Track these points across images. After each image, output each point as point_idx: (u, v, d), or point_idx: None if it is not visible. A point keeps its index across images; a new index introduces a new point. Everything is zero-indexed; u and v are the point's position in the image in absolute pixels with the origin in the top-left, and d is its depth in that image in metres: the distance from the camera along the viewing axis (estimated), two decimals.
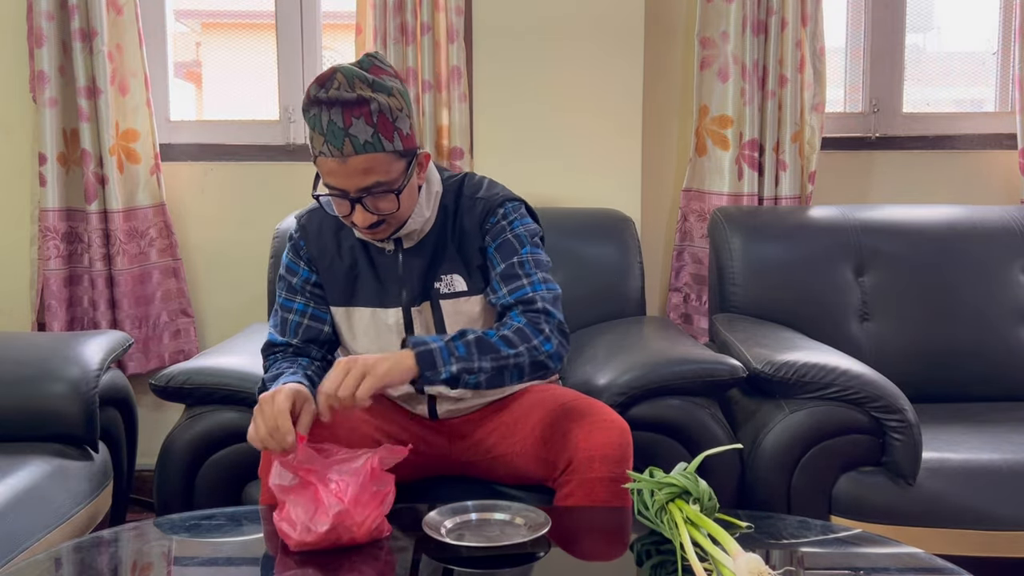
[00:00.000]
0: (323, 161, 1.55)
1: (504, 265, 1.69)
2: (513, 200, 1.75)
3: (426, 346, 1.52)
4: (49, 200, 2.66)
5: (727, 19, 2.67)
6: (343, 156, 1.52)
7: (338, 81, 1.51)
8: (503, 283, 1.68)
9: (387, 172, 1.56)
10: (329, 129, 1.52)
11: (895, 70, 2.89)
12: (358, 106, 1.51)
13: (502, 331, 1.59)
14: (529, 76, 2.69)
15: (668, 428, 1.93)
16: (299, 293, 1.76)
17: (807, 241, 2.49)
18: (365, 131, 1.52)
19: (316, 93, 1.52)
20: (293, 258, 1.78)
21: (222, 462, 1.88)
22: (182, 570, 1.39)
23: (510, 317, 1.65)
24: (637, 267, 2.51)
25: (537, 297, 1.65)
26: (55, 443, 1.94)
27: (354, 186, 1.55)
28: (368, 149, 1.53)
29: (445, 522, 1.46)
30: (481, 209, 1.72)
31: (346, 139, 1.51)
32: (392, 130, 1.55)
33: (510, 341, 1.58)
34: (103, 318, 2.69)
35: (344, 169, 1.54)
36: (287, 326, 1.76)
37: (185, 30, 3.31)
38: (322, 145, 1.53)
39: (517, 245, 1.70)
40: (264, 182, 2.83)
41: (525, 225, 1.73)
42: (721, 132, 2.72)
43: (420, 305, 1.72)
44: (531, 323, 1.62)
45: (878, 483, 1.94)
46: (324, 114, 1.52)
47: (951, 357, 2.41)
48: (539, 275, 1.69)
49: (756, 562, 1.22)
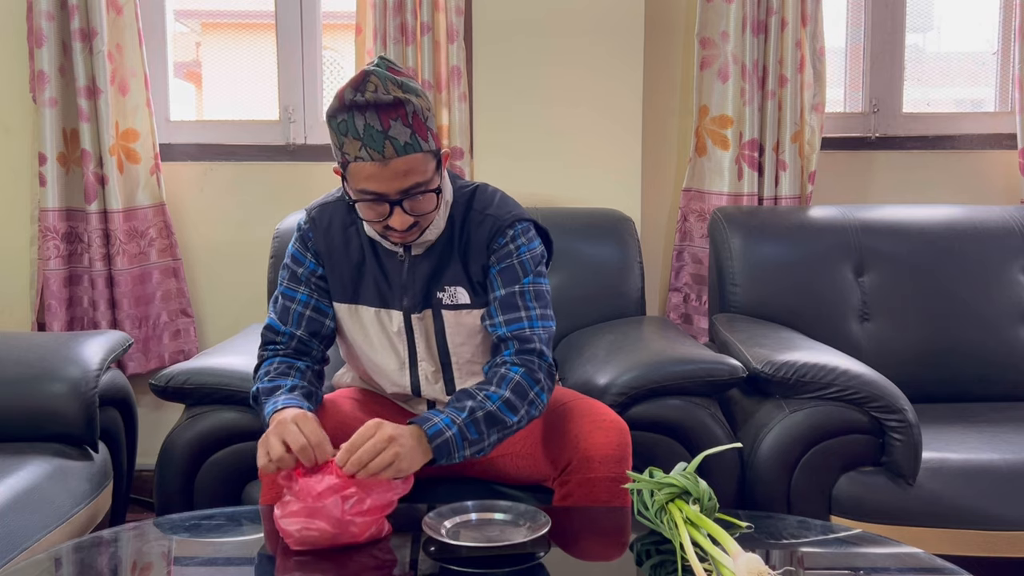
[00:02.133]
0: (360, 167, 1.52)
1: (504, 292, 1.67)
2: (523, 220, 1.72)
3: (442, 436, 1.50)
4: (49, 200, 2.66)
5: (727, 19, 2.67)
6: (384, 159, 1.51)
7: (373, 84, 1.50)
8: (500, 311, 1.66)
9: (424, 172, 1.55)
10: (367, 133, 1.50)
11: (895, 70, 2.89)
12: (395, 108, 1.50)
13: (503, 391, 1.58)
14: (529, 76, 2.69)
15: (668, 428, 1.93)
16: (303, 284, 1.74)
17: (807, 241, 2.49)
18: (404, 132, 1.51)
19: (352, 97, 1.50)
20: (300, 248, 1.76)
21: (222, 462, 1.88)
22: (182, 570, 1.39)
23: (504, 359, 1.63)
24: (637, 267, 2.51)
25: (534, 336, 1.64)
26: (55, 443, 1.94)
27: (395, 189, 1.54)
28: (409, 150, 1.52)
29: (445, 522, 1.46)
30: (490, 227, 1.69)
31: (386, 142, 1.50)
32: (425, 130, 1.55)
33: (513, 406, 1.58)
34: (103, 318, 2.69)
35: (385, 172, 1.52)
36: (289, 315, 1.74)
37: (185, 30, 3.31)
38: (359, 150, 1.51)
39: (520, 273, 1.68)
40: (264, 182, 2.83)
41: (531, 250, 1.70)
42: (721, 132, 2.72)
43: (421, 313, 1.71)
44: (528, 372, 1.61)
45: (878, 483, 1.94)
46: (359, 118, 1.50)
47: (951, 357, 2.41)
48: (537, 310, 1.67)
49: (756, 562, 1.22)
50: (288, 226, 2.50)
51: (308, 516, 1.38)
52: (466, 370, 1.74)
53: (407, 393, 1.78)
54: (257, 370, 1.73)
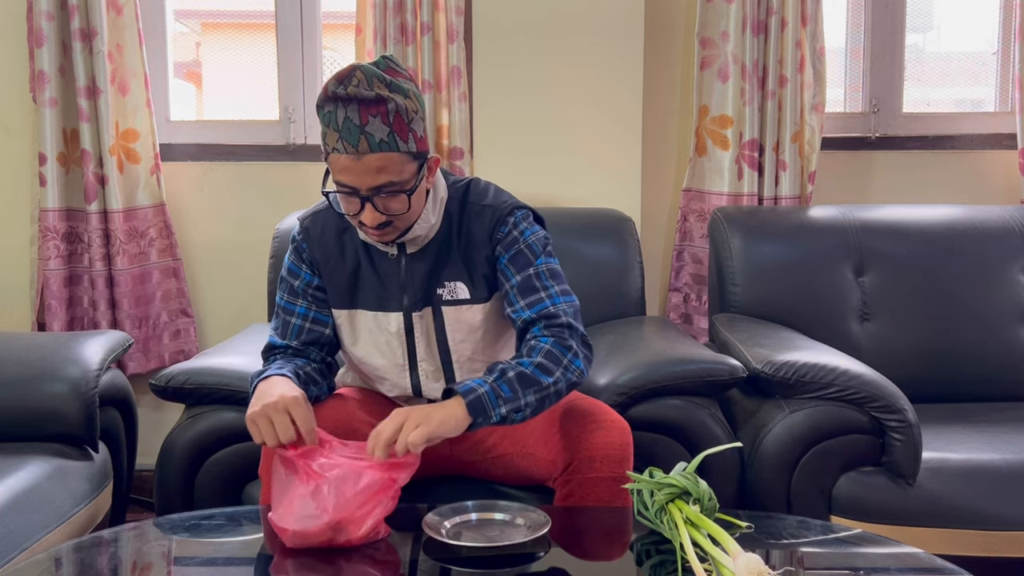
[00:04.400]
0: (336, 158, 1.55)
1: (520, 277, 1.68)
2: (521, 208, 1.73)
3: (474, 393, 1.50)
4: (49, 200, 2.66)
5: (727, 19, 2.68)
6: (358, 153, 1.52)
7: (357, 79, 1.51)
8: (520, 296, 1.67)
9: (400, 172, 1.56)
10: (345, 126, 1.51)
11: (895, 70, 2.89)
12: (375, 104, 1.51)
13: (535, 358, 1.58)
14: (529, 76, 2.69)
15: (668, 428, 1.93)
16: (301, 296, 1.76)
17: (807, 241, 2.49)
18: (381, 130, 1.52)
19: (335, 89, 1.52)
20: (295, 261, 1.77)
21: (222, 462, 1.88)
22: (182, 570, 1.39)
23: (535, 336, 1.63)
24: (637, 267, 2.51)
25: (559, 311, 1.64)
26: (55, 443, 1.94)
27: (366, 184, 1.55)
28: (383, 148, 1.53)
29: (445, 522, 1.46)
30: (490, 217, 1.70)
31: (362, 136, 1.51)
32: (407, 131, 1.55)
33: (546, 369, 1.57)
34: (103, 318, 2.69)
35: (357, 166, 1.53)
36: (288, 329, 1.75)
37: (185, 30, 3.31)
38: (336, 141, 1.53)
39: (531, 256, 1.69)
40: (264, 182, 2.83)
41: (535, 233, 1.72)
42: (721, 132, 2.72)
43: (422, 311, 1.71)
44: (558, 341, 1.61)
45: (878, 483, 1.94)
46: (340, 110, 1.51)
47: (951, 357, 2.41)
48: (557, 287, 1.68)
49: (756, 562, 1.22)
50: (288, 226, 2.50)
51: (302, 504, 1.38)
52: (467, 368, 1.75)
53: (408, 395, 1.78)
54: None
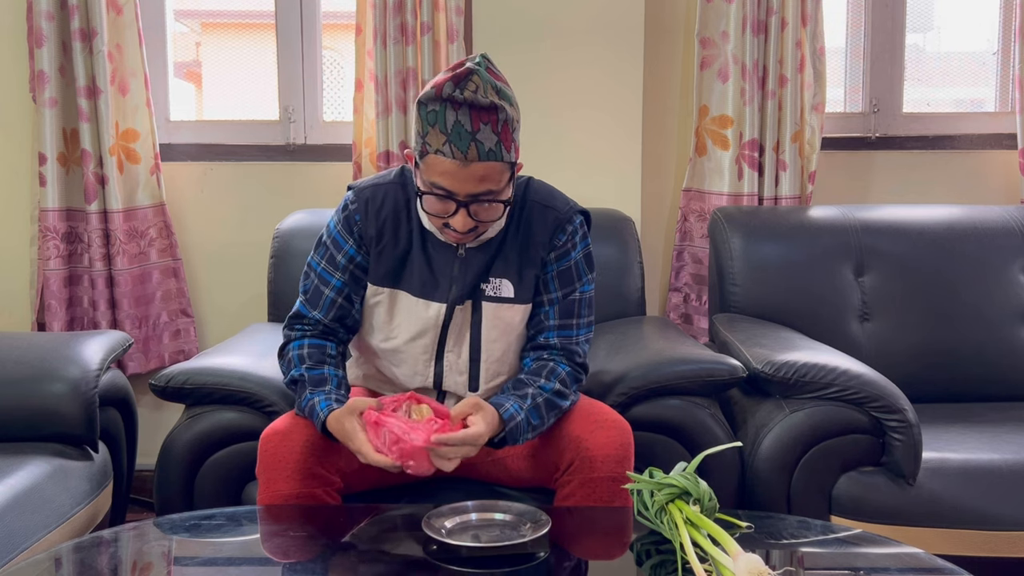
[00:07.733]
0: (438, 160, 1.53)
1: (562, 294, 1.73)
2: (580, 213, 1.77)
3: (513, 420, 1.60)
4: (49, 200, 2.66)
5: (727, 19, 2.67)
6: (465, 160, 1.51)
7: (475, 83, 1.51)
8: (557, 315, 1.73)
9: (499, 182, 1.56)
10: (455, 130, 1.50)
11: (895, 70, 2.89)
12: (488, 112, 1.51)
13: (554, 383, 1.67)
14: (529, 76, 2.69)
15: (668, 428, 1.93)
16: (340, 270, 1.73)
17: (807, 241, 2.49)
18: (490, 138, 1.52)
19: (451, 91, 1.50)
20: (343, 232, 1.73)
21: (222, 462, 1.88)
22: (182, 570, 1.39)
23: (553, 358, 1.71)
24: (637, 267, 2.51)
25: (579, 351, 1.74)
26: (55, 443, 1.94)
27: (466, 191, 1.55)
28: (491, 157, 1.53)
29: (445, 522, 1.46)
30: (552, 220, 1.72)
31: (472, 143, 1.51)
32: (511, 141, 1.55)
33: (563, 395, 1.68)
34: (103, 318, 2.69)
35: (462, 172, 1.53)
36: (321, 300, 1.73)
37: (185, 30, 3.32)
38: (443, 144, 1.51)
39: (576, 278, 1.73)
40: (264, 182, 2.83)
41: (585, 248, 1.75)
42: (721, 132, 2.72)
43: (464, 304, 1.71)
44: (573, 372, 1.72)
45: (878, 483, 1.93)
46: (451, 113, 1.50)
47: (951, 357, 2.41)
48: (587, 319, 1.75)
49: (756, 562, 1.22)
50: (288, 226, 2.50)
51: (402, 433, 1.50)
52: (493, 370, 1.74)
53: (428, 386, 1.76)
54: (284, 349, 1.74)
